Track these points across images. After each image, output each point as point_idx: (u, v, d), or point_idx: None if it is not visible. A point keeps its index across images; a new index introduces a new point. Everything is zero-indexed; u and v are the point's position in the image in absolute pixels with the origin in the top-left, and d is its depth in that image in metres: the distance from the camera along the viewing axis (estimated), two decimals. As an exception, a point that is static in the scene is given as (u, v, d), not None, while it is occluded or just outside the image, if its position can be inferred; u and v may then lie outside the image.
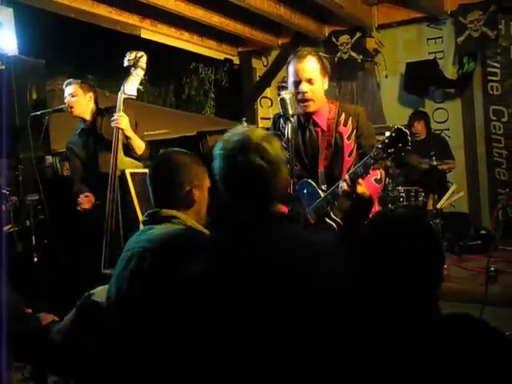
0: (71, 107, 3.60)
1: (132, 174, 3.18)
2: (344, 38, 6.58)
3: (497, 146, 6.04)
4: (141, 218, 2.96)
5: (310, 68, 2.61)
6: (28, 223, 3.84)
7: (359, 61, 6.52)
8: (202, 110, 8.07)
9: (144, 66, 3.31)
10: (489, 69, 5.99)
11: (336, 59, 6.52)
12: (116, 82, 6.70)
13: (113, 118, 3.28)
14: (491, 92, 6.01)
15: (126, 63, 3.29)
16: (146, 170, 3.25)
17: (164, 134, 5.77)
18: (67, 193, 3.92)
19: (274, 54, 7.22)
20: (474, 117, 6.21)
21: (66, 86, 3.67)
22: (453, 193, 4.90)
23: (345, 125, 2.66)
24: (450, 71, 6.18)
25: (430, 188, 5.11)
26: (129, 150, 3.39)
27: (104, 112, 3.66)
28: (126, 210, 3.16)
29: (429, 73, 6.21)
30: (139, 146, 3.45)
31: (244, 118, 6.50)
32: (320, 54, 2.72)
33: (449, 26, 6.14)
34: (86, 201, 3.56)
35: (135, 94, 3.33)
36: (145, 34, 5.86)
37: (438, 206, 4.82)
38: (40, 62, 3.87)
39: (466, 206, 6.10)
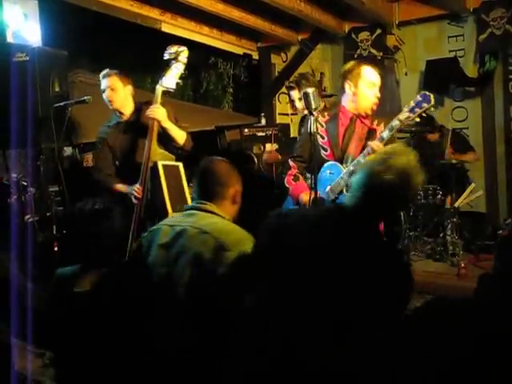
0: (110, 101, 3.54)
1: (164, 166, 3.23)
2: (364, 35, 6.56)
3: (516, 145, 5.99)
4: (170, 208, 3.05)
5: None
6: (48, 213, 3.89)
7: (379, 58, 6.49)
8: (220, 105, 8.05)
9: (185, 60, 3.33)
10: (510, 67, 5.94)
11: (356, 56, 6.50)
12: (136, 76, 6.72)
13: (149, 110, 3.30)
14: (512, 91, 5.97)
15: (166, 56, 3.32)
16: (178, 163, 3.34)
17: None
18: (86, 184, 3.95)
19: (294, 49, 7.19)
20: (493, 116, 6.16)
21: (104, 77, 3.57)
22: (471, 192, 4.87)
23: (378, 125, 3.10)
24: (470, 69, 6.12)
25: (448, 186, 5.09)
26: (165, 142, 3.40)
27: (140, 105, 3.62)
28: (155, 200, 3.22)
29: (449, 71, 6.15)
30: (179, 135, 3.45)
31: (262, 114, 6.53)
32: None
33: (470, 24, 6.08)
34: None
35: (174, 87, 3.36)
36: (165, 28, 5.88)
37: (456, 204, 4.80)
38: (63, 53, 3.88)
39: (483, 206, 6.06)
